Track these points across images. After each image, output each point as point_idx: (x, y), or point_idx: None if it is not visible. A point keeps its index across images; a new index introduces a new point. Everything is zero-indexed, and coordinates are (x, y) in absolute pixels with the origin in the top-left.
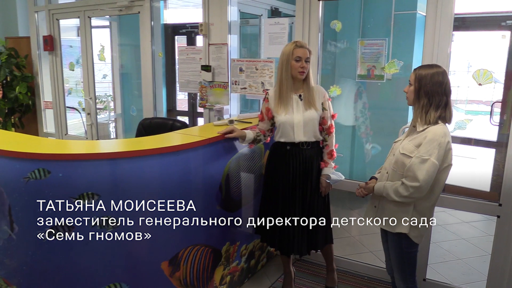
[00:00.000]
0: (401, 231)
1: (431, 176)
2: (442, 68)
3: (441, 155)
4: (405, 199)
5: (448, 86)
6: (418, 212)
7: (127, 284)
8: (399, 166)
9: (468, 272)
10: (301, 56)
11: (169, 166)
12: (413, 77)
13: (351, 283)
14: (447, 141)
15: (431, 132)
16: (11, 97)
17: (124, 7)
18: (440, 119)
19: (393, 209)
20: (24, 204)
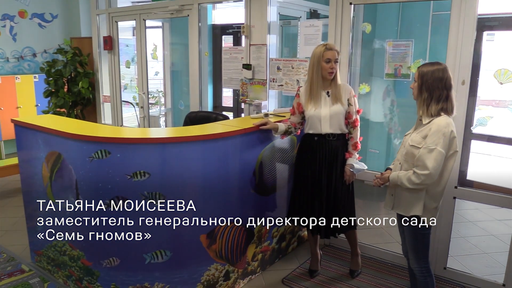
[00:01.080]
0: (415, 213)
1: (439, 163)
2: (443, 65)
3: (446, 143)
4: (417, 186)
5: (448, 81)
6: (430, 197)
7: (170, 251)
8: (409, 156)
9: (492, 265)
10: (331, 58)
11: (209, 151)
12: (417, 74)
13: (374, 268)
14: (450, 130)
15: (435, 124)
16: (75, 91)
17: (175, 10)
18: (442, 111)
19: (407, 195)
20: (89, 179)
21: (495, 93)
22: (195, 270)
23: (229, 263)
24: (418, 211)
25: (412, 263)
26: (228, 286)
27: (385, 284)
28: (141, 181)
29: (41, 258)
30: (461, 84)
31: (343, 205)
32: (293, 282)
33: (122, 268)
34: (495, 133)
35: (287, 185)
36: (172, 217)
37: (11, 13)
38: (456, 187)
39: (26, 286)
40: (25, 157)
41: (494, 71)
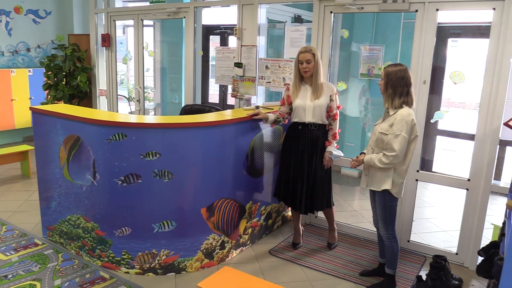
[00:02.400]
0: (385, 187)
1: (404, 146)
2: (404, 66)
3: (409, 129)
4: (387, 165)
5: (408, 79)
6: (397, 174)
7: (175, 222)
8: (379, 142)
9: (448, 240)
10: (302, 59)
11: (210, 136)
12: (383, 73)
13: (348, 242)
14: (411, 119)
15: (399, 114)
16: (73, 84)
17: (172, 12)
18: (404, 104)
19: (379, 174)
20: (106, 159)
21: (459, 95)
22: (196, 239)
23: (224, 234)
24: (387, 185)
25: (381, 230)
26: (223, 255)
27: (358, 254)
28: (152, 160)
29: (53, 233)
30: (423, 83)
31: (321, 186)
32: (279, 253)
33: (133, 236)
34: (458, 130)
35: (273, 169)
36: (178, 192)
37: (7, 8)
38: (418, 171)
39: (42, 256)
40: (42, 141)
41: (450, 73)
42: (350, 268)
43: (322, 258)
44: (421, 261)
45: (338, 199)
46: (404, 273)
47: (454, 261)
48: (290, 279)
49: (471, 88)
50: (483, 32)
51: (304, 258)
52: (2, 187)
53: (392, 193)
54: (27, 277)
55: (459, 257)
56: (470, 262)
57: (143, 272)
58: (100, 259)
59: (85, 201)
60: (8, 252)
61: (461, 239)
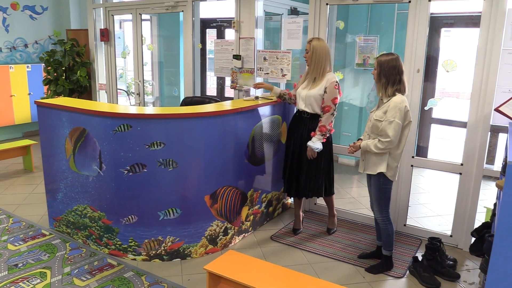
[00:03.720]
0: (380, 170)
1: (398, 131)
2: (395, 55)
3: (402, 116)
4: (382, 150)
5: (400, 68)
6: (392, 158)
7: (180, 209)
8: (375, 128)
9: (443, 224)
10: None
11: (212, 125)
12: (376, 63)
13: (347, 227)
14: (404, 105)
15: (392, 102)
16: (73, 79)
17: (170, 6)
18: (396, 91)
19: (374, 158)
20: (112, 150)
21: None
22: (200, 225)
23: (227, 221)
24: (383, 168)
25: (376, 213)
26: (226, 241)
27: (356, 238)
28: (157, 150)
29: (60, 223)
30: (416, 72)
31: (307, 174)
32: (280, 238)
33: (139, 224)
34: (453, 118)
35: (273, 157)
36: (182, 180)
37: (3, 5)
38: (413, 157)
39: (50, 246)
40: (47, 135)
41: (442, 61)
42: (349, 252)
43: (322, 243)
44: (417, 243)
45: (336, 186)
46: (401, 255)
47: (448, 243)
48: (292, 263)
49: (464, 77)
50: (475, 22)
51: (304, 243)
52: (6, 181)
53: (387, 176)
54: (37, 265)
55: (453, 239)
56: (464, 243)
57: (149, 258)
58: (107, 247)
59: (91, 191)
60: (16, 243)
61: (455, 222)
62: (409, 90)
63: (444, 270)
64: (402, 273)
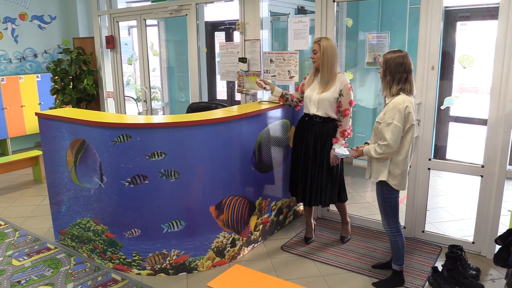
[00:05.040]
0: (381, 178)
1: (396, 135)
2: (403, 52)
3: (402, 118)
4: (381, 155)
5: (407, 65)
6: (394, 164)
7: (184, 222)
8: (375, 131)
9: (464, 229)
10: (312, 50)
11: (216, 133)
12: (382, 60)
13: (362, 234)
14: (405, 106)
15: (392, 102)
16: (80, 88)
17: (174, 10)
18: (401, 91)
19: (376, 164)
20: (112, 161)
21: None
22: (206, 237)
23: (235, 232)
24: (383, 176)
25: (384, 225)
26: (234, 252)
27: (371, 247)
28: (158, 160)
29: (65, 237)
30: (431, 69)
31: (326, 180)
32: (291, 248)
33: (143, 237)
34: (472, 116)
35: (282, 163)
36: (185, 191)
37: (12, 15)
38: (430, 159)
39: (55, 261)
40: (49, 147)
41: (459, 57)
42: (364, 261)
43: (335, 252)
44: (437, 251)
45: (350, 191)
46: (420, 264)
47: (470, 250)
48: (303, 275)
49: (483, 72)
50: (492, 14)
51: (316, 253)
52: (15, 193)
53: (390, 184)
54: (40, 282)
55: (476, 246)
56: (487, 251)
57: (154, 273)
58: (112, 261)
59: (94, 204)
60: (21, 258)
61: (477, 228)
62: (424, 88)
63: (467, 281)
64: (421, 284)
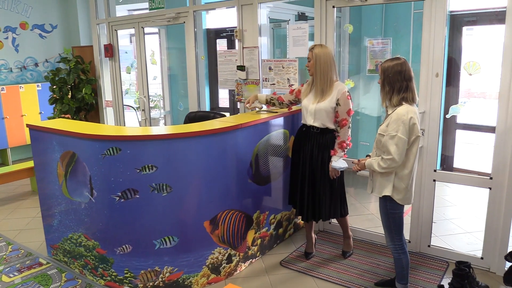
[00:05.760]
0: (385, 193)
1: (401, 148)
2: (402, 60)
3: (406, 129)
4: (385, 170)
5: (407, 73)
6: (399, 178)
7: (177, 237)
8: (378, 144)
9: (472, 243)
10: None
11: (210, 145)
12: (380, 70)
13: (365, 249)
14: (409, 117)
15: (395, 113)
16: (79, 97)
17: (172, 18)
18: (403, 100)
19: (380, 179)
20: (102, 175)
21: (479, 85)
22: (201, 253)
23: (231, 247)
24: (388, 191)
25: (387, 241)
26: (231, 269)
27: (375, 262)
28: (149, 174)
29: (57, 252)
30: (435, 76)
31: (325, 195)
32: (290, 264)
33: (134, 254)
34: (480, 123)
35: (282, 175)
36: (178, 206)
37: (13, 25)
38: (435, 170)
39: (45, 277)
40: (40, 159)
41: (464, 63)
42: (366, 278)
43: (336, 268)
44: (444, 267)
45: (353, 201)
46: (426, 281)
47: (479, 266)
48: None
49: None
50: (500, 18)
51: (317, 269)
52: (12, 204)
53: (395, 199)
54: None
55: (484, 261)
56: (497, 267)
57: None
58: (103, 278)
59: (84, 218)
60: (11, 274)
61: (486, 243)
62: (428, 97)
63: None
64: None
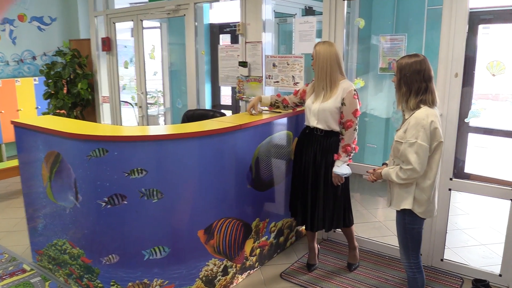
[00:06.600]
0: (405, 207)
1: (422, 156)
2: (421, 57)
3: (427, 135)
4: (405, 181)
5: (427, 72)
6: (420, 190)
7: (168, 248)
8: (396, 152)
9: (488, 256)
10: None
11: (206, 147)
12: (396, 67)
13: (372, 261)
14: (430, 121)
15: (414, 117)
16: (74, 92)
17: (172, 10)
18: (421, 103)
19: (398, 190)
20: (87, 178)
21: (492, 86)
22: (194, 265)
23: (227, 258)
24: (407, 204)
25: (402, 258)
26: (226, 281)
27: (383, 276)
28: (138, 178)
29: (42, 258)
30: (454, 76)
31: (325, 203)
32: (291, 276)
33: (122, 265)
34: (492, 126)
35: (284, 179)
36: (169, 213)
37: (10, 17)
38: (451, 179)
39: (28, 286)
40: (25, 158)
41: (487, 63)
42: None
43: (341, 283)
44: (458, 284)
45: (358, 208)
46: None
47: (497, 284)
48: None
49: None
50: None
51: (320, 283)
52: (2, 204)
53: (416, 213)
54: None
55: (503, 279)
56: None
57: None
58: None
59: (69, 224)
60: None
61: (505, 258)
62: (446, 98)
63: None
64: None
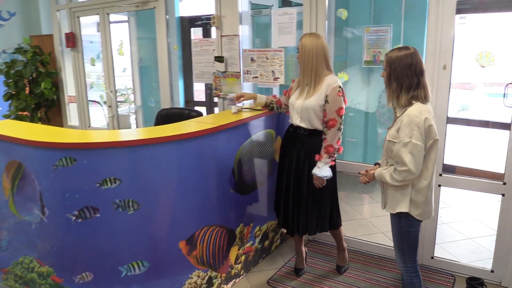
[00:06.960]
0: (401, 210)
1: (417, 156)
2: (411, 50)
3: (422, 133)
4: (400, 183)
5: (418, 66)
6: (416, 191)
7: (148, 262)
8: (389, 152)
9: (476, 250)
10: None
11: (184, 152)
12: (385, 61)
13: (361, 262)
14: (424, 118)
15: (406, 115)
16: (37, 92)
17: (140, 2)
18: (413, 99)
19: (392, 192)
20: (54, 190)
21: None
22: (176, 279)
23: (211, 269)
24: (403, 207)
25: (398, 262)
26: None
27: (374, 278)
28: (111, 189)
29: (8, 276)
30: (443, 69)
31: (308, 206)
32: (279, 283)
33: (97, 283)
34: (469, 117)
35: (267, 181)
36: (147, 225)
37: None
38: (441, 175)
39: None
40: None
41: (476, 54)
42: None
43: (331, 286)
44: (450, 282)
45: (343, 205)
46: None
47: (489, 280)
48: None
49: None
50: (498, 6)
51: None
52: None
53: (412, 215)
54: None
55: (495, 275)
56: (509, 281)
57: None
58: None
59: (36, 240)
60: None
61: (496, 254)
62: (434, 92)
63: None
64: None
